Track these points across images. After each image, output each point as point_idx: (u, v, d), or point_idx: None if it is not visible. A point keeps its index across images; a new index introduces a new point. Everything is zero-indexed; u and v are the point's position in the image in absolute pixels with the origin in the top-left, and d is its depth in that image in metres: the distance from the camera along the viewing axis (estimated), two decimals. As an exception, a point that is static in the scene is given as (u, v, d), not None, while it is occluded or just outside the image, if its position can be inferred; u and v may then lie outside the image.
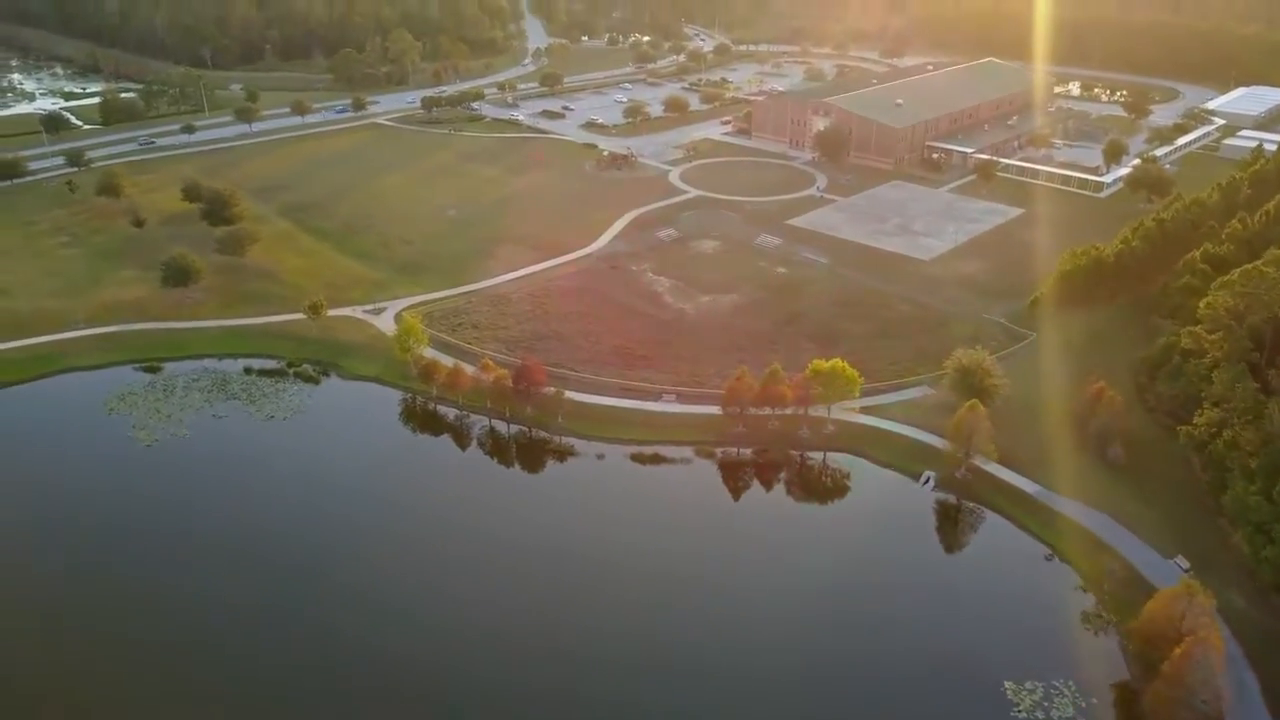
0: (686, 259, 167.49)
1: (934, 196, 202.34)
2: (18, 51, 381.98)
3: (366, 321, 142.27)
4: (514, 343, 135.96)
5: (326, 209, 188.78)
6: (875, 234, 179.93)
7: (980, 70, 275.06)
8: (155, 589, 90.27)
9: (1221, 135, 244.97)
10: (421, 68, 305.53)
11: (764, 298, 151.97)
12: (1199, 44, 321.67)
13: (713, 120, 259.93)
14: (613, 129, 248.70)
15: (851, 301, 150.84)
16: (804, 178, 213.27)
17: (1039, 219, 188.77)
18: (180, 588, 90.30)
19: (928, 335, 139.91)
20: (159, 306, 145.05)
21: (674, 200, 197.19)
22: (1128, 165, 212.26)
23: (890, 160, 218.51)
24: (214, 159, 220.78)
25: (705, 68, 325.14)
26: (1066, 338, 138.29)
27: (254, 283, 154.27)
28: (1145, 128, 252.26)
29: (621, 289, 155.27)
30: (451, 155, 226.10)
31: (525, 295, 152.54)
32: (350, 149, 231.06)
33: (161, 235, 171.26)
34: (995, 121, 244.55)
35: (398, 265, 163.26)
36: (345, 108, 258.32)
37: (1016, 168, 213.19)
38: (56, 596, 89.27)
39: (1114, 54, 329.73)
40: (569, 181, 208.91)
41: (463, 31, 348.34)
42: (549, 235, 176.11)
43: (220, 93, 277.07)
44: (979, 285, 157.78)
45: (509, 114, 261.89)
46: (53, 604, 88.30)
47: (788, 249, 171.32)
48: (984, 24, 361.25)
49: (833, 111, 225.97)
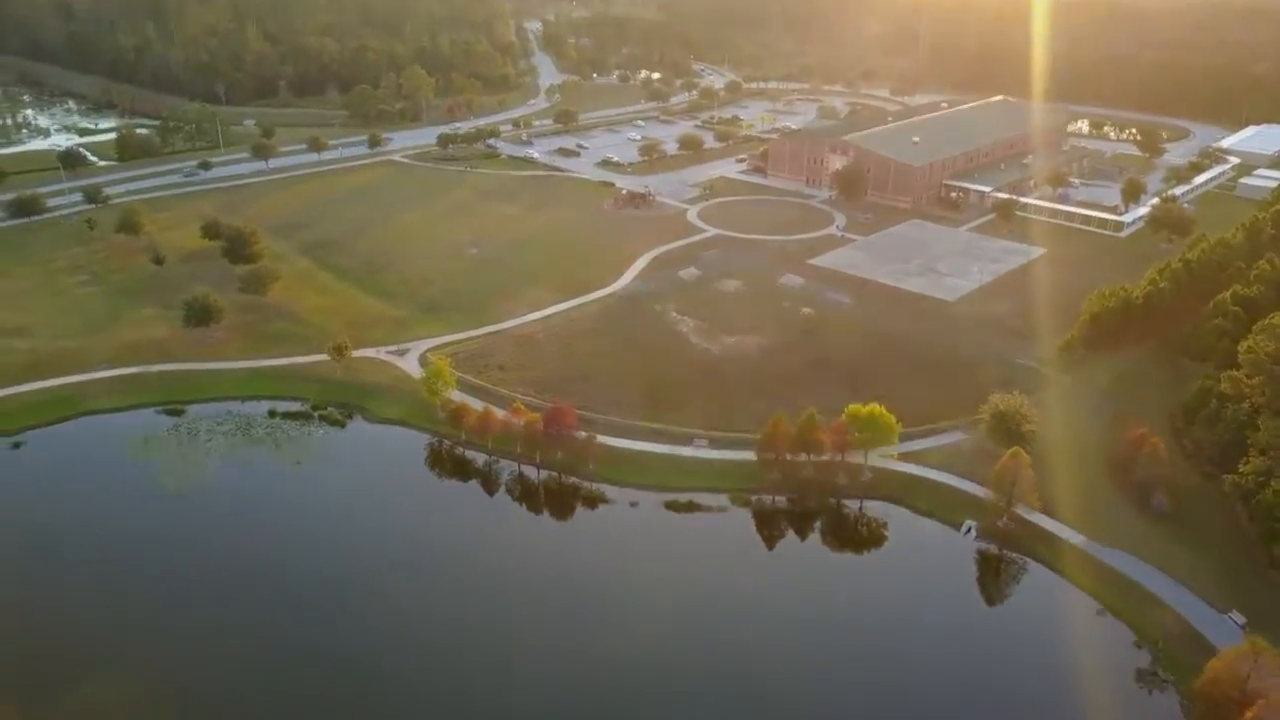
0: (710, 298, 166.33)
1: (954, 236, 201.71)
2: (31, 87, 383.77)
3: (390, 363, 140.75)
4: (541, 385, 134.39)
5: (346, 247, 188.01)
6: (898, 274, 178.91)
7: (993, 109, 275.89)
8: (184, 635, 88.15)
9: (1237, 174, 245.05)
10: (435, 104, 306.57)
11: (790, 339, 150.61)
12: (1208, 83, 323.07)
13: (728, 158, 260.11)
14: (628, 167, 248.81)
15: (879, 343, 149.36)
16: (823, 216, 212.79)
17: (1061, 259, 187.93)
18: (209, 634, 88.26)
19: (958, 378, 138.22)
20: (181, 346, 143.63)
21: (693, 239, 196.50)
22: (1146, 204, 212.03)
23: (908, 199, 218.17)
24: (231, 196, 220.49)
25: (717, 105, 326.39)
26: (1099, 381, 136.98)
27: (276, 322, 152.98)
28: (1160, 166, 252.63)
29: (646, 329, 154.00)
30: (469, 192, 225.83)
31: (550, 335, 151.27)
32: (367, 186, 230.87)
33: (181, 273, 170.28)
34: (1011, 160, 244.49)
35: (420, 304, 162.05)
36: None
37: (1035, 206, 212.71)
38: (86, 643, 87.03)
39: (1123, 92, 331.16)
40: (588, 220, 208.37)
41: (475, 68, 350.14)
42: (571, 274, 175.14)
43: (235, 129, 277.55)
44: (1007, 326, 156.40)
45: (524, 151, 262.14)
46: (83, 650, 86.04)
47: (811, 289, 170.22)
48: (993, 62, 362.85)
49: (850, 150, 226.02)
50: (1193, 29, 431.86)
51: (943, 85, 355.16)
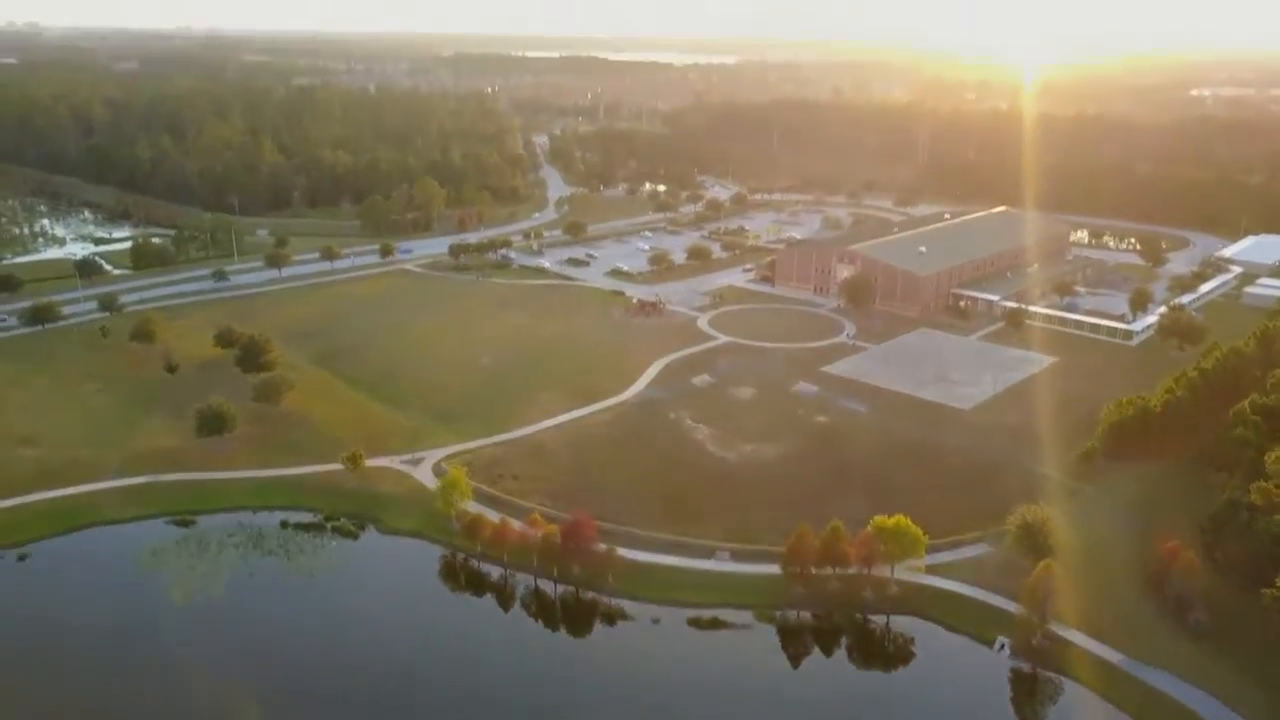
0: (724, 406, 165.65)
1: (965, 344, 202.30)
2: (49, 198, 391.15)
3: (404, 472, 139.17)
4: (557, 495, 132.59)
5: (359, 355, 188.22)
6: (912, 382, 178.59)
7: (996, 219, 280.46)
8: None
9: (1240, 283, 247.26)
10: (447, 215, 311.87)
11: (808, 447, 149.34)
12: (1204, 194, 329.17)
13: (735, 267, 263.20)
14: (638, 276, 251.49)
15: (897, 452, 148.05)
16: (832, 324, 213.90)
17: (1073, 367, 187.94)
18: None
19: (980, 488, 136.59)
20: (193, 456, 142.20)
21: (705, 346, 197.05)
22: (1154, 313, 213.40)
23: (916, 307, 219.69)
24: (245, 304, 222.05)
25: (723, 216, 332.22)
26: (1122, 492, 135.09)
27: (288, 431, 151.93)
28: (1163, 275, 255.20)
29: (662, 437, 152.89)
30: (481, 301, 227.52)
31: (564, 444, 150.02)
32: (380, 295, 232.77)
33: (194, 381, 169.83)
34: (1016, 269, 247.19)
35: (433, 413, 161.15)
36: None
37: (1044, 315, 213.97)
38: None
39: (1119, 203, 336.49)
40: (599, 328, 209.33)
41: (485, 180, 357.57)
42: (583, 381, 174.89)
43: (249, 238, 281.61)
44: (1024, 436, 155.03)
45: (535, 261, 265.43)
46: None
47: (826, 397, 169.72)
48: (990, 174, 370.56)
49: (857, 259, 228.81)
50: (1180, 142, 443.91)
51: (942, 196, 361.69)
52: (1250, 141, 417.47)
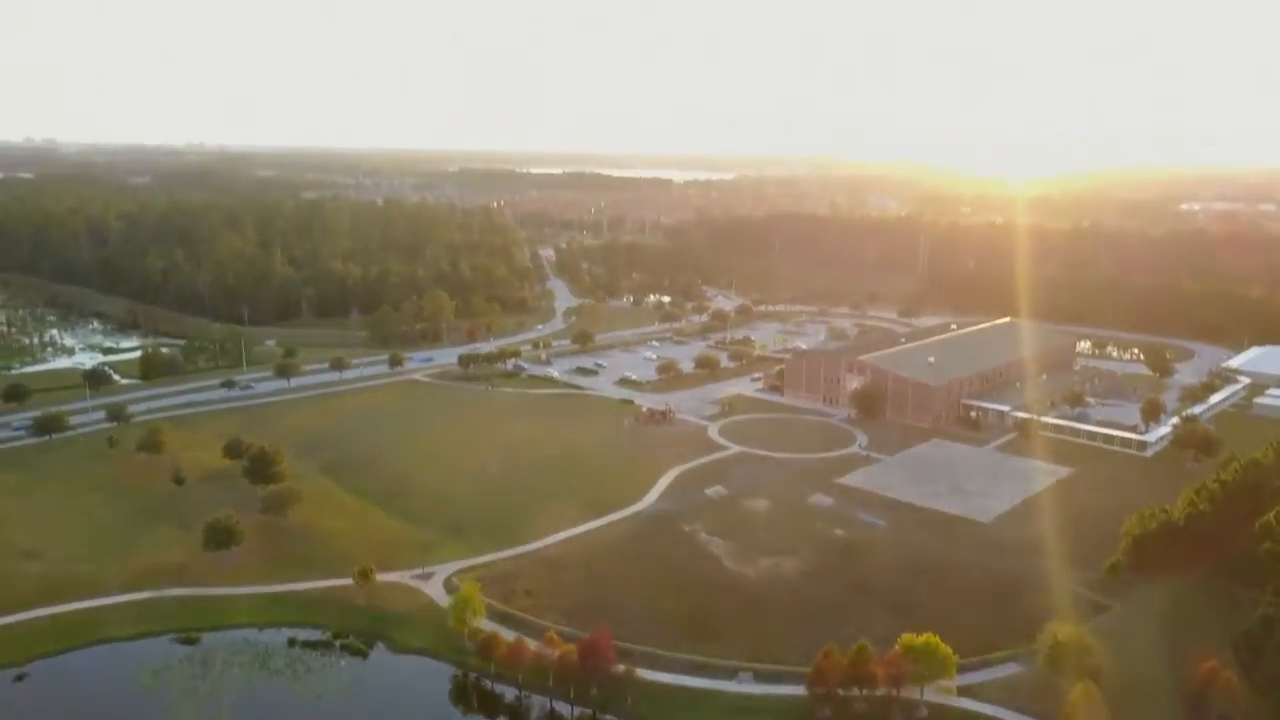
0: (739, 518, 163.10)
1: (978, 455, 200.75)
2: (60, 308, 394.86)
3: (415, 588, 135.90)
4: (572, 612, 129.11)
5: (368, 466, 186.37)
6: (928, 494, 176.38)
7: (1003, 330, 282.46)
8: None
9: (1249, 394, 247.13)
10: (455, 325, 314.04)
11: (827, 561, 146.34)
12: (1205, 305, 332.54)
13: (743, 377, 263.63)
14: (647, 385, 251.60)
15: (918, 567, 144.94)
16: (844, 435, 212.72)
17: (1089, 479, 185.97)
18: None
19: (1005, 605, 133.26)
20: (199, 570, 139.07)
21: (716, 456, 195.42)
22: (1167, 424, 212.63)
23: (928, 418, 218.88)
24: (253, 414, 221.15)
25: (729, 326, 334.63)
26: (1152, 608, 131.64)
27: (296, 545, 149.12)
28: (1171, 385, 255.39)
29: (677, 551, 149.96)
30: (491, 411, 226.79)
31: (578, 558, 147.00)
32: (389, 405, 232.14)
33: (201, 493, 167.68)
34: (1025, 379, 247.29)
35: (444, 526, 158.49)
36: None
37: (1056, 426, 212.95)
38: None
39: (1122, 314, 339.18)
40: (609, 437, 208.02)
41: (494, 291, 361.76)
42: (595, 492, 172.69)
43: (258, 348, 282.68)
44: (1046, 549, 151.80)
45: (544, 370, 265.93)
46: None
47: (842, 509, 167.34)
48: (991, 286, 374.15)
49: (867, 369, 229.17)
50: (1176, 255, 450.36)
51: (944, 307, 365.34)
52: (1247, 255, 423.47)
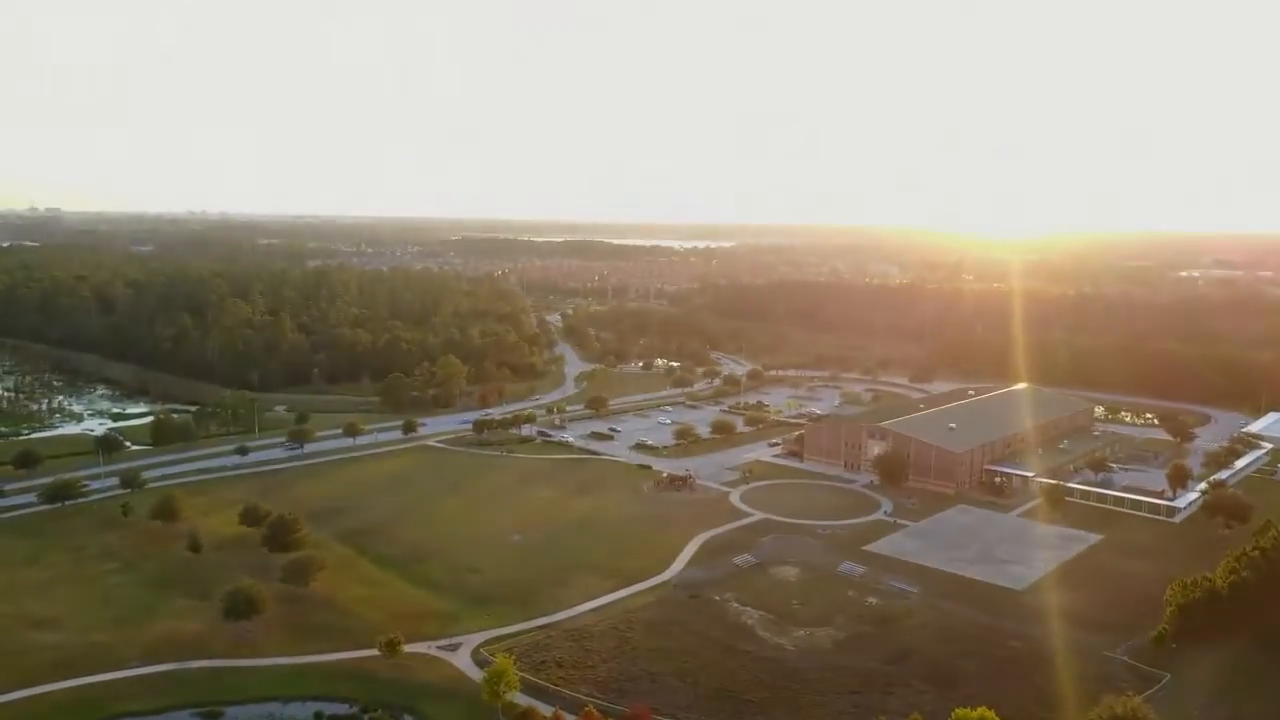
0: (769, 587, 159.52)
1: (1006, 521, 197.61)
2: (67, 374, 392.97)
3: (442, 659, 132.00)
4: (604, 685, 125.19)
5: (387, 534, 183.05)
6: (957, 561, 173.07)
7: (1020, 395, 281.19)
8: None
9: (1273, 459, 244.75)
10: (468, 391, 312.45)
11: (863, 631, 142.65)
12: (1217, 371, 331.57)
13: (760, 442, 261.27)
14: (664, 450, 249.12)
15: (955, 636, 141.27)
16: (867, 501, 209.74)
17: (1120, 545, 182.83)
18: None
19: (1048, 675, 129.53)
20: (218, 641, 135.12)
21: (740, 523, 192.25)
22: (1194, 489, 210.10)
23: (951, 484, 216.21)
24: (266, 481, 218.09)
25: (741, 391, 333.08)
26: (1201, 679, 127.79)
27: (318, 614, 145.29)
28: (1192, 451, 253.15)
29: (708, 621, 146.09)
30: (508, 477, 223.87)
31: (607, 628, 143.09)
32: (404, 471, 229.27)
33: (217, 561, 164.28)
34: (1047, 445, 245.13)
35: (467, 595, 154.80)
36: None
37: (1082, 491, 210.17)
38: None
39: (1134, 379, 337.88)
40: (630, 504, 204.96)
41: (504, 357, 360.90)
42: (620, 561, 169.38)
43: (268, 414, 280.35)
44: (1084, 618, 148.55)
45: (559, 436, 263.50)
46: None
47: (873, 577, 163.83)
48: (1000, 352, 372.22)
49: (889, 435, 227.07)
50: (1184, 320, 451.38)
51: (955, 373, 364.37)
52: (1253, 319, 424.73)
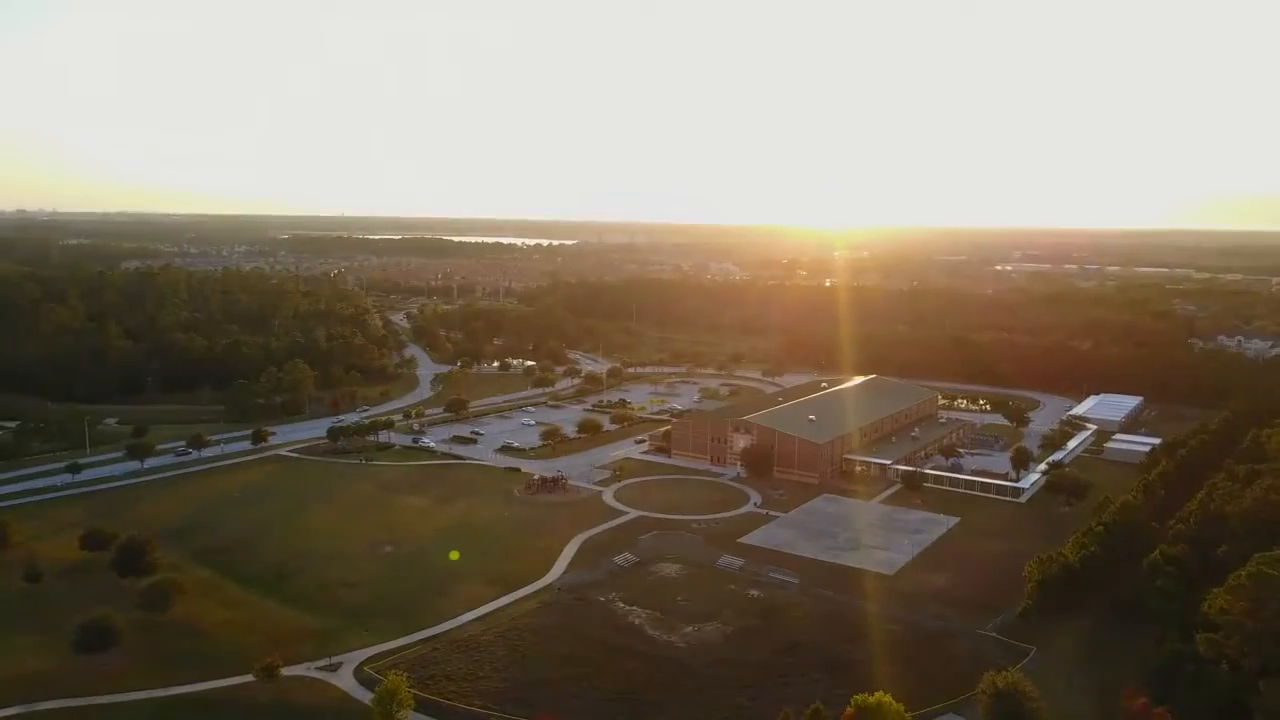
0: (653, 585, 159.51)
1: (869, 509, 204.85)
2: None
3: (324, 680, 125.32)
4: (499, 695, 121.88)
5: (248, 551, 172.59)
6: (829, 549, 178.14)
7: (870, 386, 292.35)
8: None
9: (1097, 440, 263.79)
10: (317, 397, 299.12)
11: (750, 624, 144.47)
12: (1044, 358, 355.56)
13: (626, 439, 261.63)
14: (531, 451, 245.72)
15: (838, 624, 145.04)
16: (737, 494, 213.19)
17: (975, 526, 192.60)
18: None
19: (927, 655, 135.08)
20: (73, 679, 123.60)
21: (616, 522, 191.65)
22: (1035, 471, 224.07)
23: (815, 474, 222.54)
24: (105, 500, 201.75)
25: (603, 390, 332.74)
26: (1065, 649, 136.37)
27: (182, 642, 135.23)
28: (1027, 434, 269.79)
29: (596, 624, 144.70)
30: (371, 486, 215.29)
31: (495, 637, 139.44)
32: (258, 483, 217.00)
33: (60, 591, 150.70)
34: (899, 433, 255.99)
35: (342, 612, 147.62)
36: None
37: (935, 477, 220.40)
38: None
39: (967, 368, 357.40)
40: (502, 508, 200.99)
41: (352, 360, 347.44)
42: (499, 567, 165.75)
43: (99, 428, 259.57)
44: (953, 598, 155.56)
45: (419, 441, 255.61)
46: None
47: (752, 569, 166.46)
48: (844, 345, 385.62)
49: (754, 429, 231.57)
50: (1008, 312, 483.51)
51: (805, 366, 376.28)
52: (1071, 310, 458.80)
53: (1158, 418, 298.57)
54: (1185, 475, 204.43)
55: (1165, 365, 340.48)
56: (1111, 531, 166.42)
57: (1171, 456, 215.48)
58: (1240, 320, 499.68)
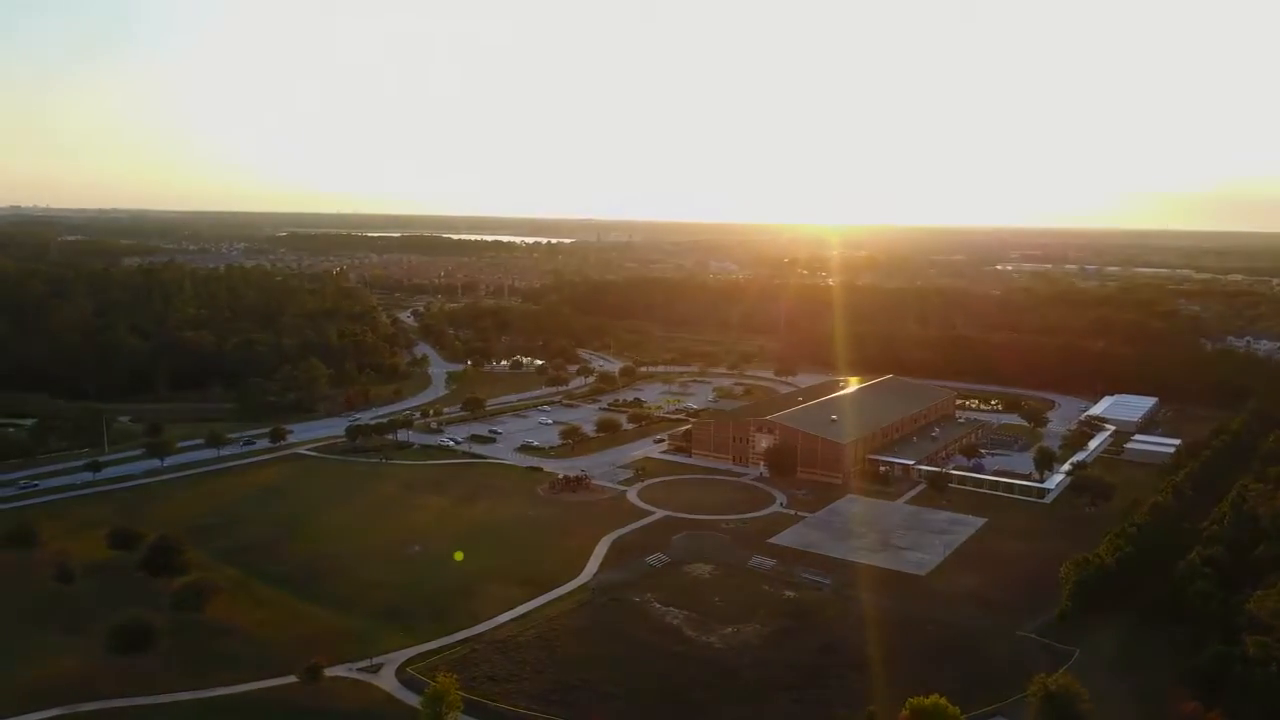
0: (687, 586, 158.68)
1: (895, 509, 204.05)
2: None
3: (366, 682, 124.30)
4: (542, 697, 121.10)
5: (274, 551, 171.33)
6: (859, 550, 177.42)
7: (887, 386, 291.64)
8: None
9: (1116, 440, 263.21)
10: (330, 395, 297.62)
11: (787, 625, 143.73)
12: (1057, 358, 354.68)
13: (645, 439, 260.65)
14: (551, 451, 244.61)
15: (875, 624, 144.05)
16: (762, 495, 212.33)
17: (1004, 528, 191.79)
18: None
19: (968, 656, 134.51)
20: (109, 680, 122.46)
21: (643, 522, 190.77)
22: (1059, 471, 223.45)
23: (838, 475, 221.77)
24: (127, 499, 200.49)
25: (616, 389, 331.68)
26: (1106, 650, 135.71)
27: (218, 643, 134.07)
28: (1046, 435, 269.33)
29: (633, 624, 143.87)
30: (393, 485, 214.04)
31: (532, 638, 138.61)
32: (279, 482, 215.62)
33: (91, 591, 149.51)
34: (920, 433, 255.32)
35: (376, 612, 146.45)
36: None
37: (959, 477, 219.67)
38: None
39: (979, 368, 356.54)
40: (527, 507, 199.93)
41: (364, 358, 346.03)
42: (531, 568, 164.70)
43: (115, 426, 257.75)
44: (987, 600, 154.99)
45: (437, 440, 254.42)
46: None
47: (784, 570, 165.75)
48: (854, 344, 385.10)
49: (777, 429, 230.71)
50: (1016, 312, 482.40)
51: (817, 366, 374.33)
52: (1079, 310, 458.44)
53: (1174, 418, 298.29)
54: (1211, 476, 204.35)
55: (1178, 365, 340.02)
56: (1145, 533, 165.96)
57: (1196, 457, 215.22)
58: (1245, 321, 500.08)
